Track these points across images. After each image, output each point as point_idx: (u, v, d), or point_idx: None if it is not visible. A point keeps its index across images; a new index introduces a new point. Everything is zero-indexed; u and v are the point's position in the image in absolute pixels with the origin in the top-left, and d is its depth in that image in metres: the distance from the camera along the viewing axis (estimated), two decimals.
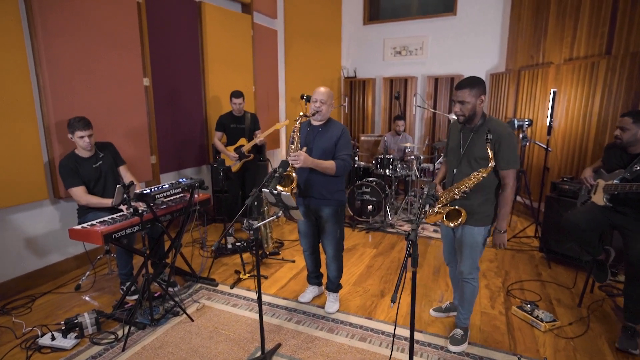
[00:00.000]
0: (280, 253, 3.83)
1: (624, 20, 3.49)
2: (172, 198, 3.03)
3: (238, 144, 4.25)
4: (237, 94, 4.13)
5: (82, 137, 2.77)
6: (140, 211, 2.41)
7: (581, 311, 2.75)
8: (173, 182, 2.87)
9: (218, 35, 4.78)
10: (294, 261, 3.65)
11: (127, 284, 2.92)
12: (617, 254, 2.72)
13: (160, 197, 2.64)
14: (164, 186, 2.74)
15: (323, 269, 2.95)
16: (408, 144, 4.90)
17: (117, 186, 2.42)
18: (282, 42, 6.44)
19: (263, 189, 1.99)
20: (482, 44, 5.84)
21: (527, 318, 2.62)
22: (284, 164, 2.19)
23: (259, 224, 1.91)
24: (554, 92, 3.73)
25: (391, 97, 6.61)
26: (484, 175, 2.04)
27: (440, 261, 3.68)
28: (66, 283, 3.17)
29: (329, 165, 2.41)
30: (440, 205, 2.29)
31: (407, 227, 4.61)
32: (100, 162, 2.95)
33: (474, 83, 2.07)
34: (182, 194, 3.13)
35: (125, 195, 2.45)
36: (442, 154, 4.96)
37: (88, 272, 3.22)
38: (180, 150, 4.51)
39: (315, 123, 2.54)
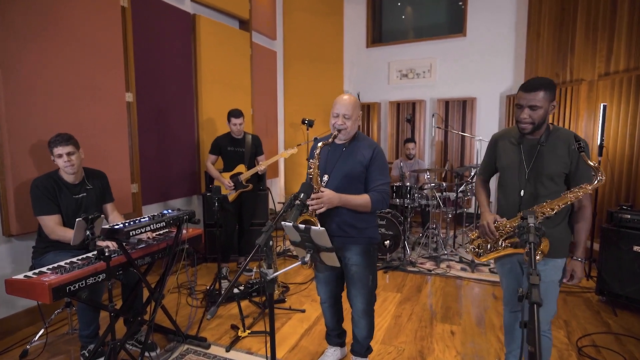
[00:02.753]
0: (287, 300, 3.16)
1: None
2: (153, 235, 2.40)
3: (235, 171, 3.65)
4: (236, 114, 3.56)
5: (60, 155, 2.21)
6: (106, 253, 1.77)
7: None
8: (155, 214, 2.25)
9: (214, 52, 4.32)
10: (304, 311, 2.98)
11: (91, 346, 2.23)
12: None
13: (136, 234, 2.00)
14: (142, 219, 2.11)
15: (345, 324, 2.30)
16: (427, 171, 4.36)
17: (77, 220, 1.80)
18: (282, 64, 6.06)
19: (284, 223, 1.39)
20: (495, 65, 5.49)
21: None
22: (307, 187, 1.60)
23: (275, 275, 1.29)
24: (604, 107, 3.28)
25: (398, 122, 6.17)
26: (588, 191, 1.59)
27: (481, 308, 3.04)
28: (11, 347, 2.43)
29: (362, 202, 1.83)
30: (505, 237, 1.75)
31: (429, 266, 3.98)
32: (85, 194, 2.36)
33: (548, 84, 1.66)
34: (166, 230, 2.51)
35: (88, 232, 1.83)
36: (466, 180, 4.43)
37: (41, 332, 2.50)
38: (168, 178, 3.90)
39: (337, 141, 1.98)
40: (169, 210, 2.34)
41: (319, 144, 1.83)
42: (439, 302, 3.16)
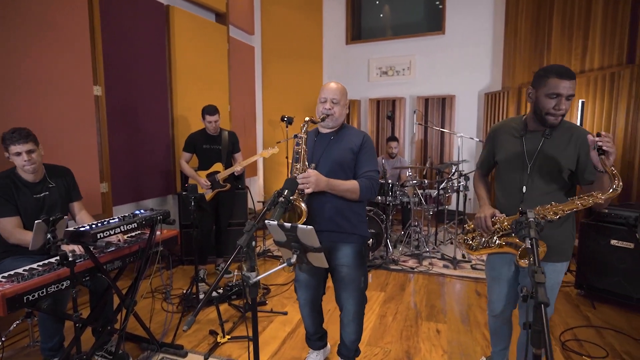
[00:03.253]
0: (268, 302, 3.04)
1: None
2: (124, 237, 2.24)
3: (212, 170, 3.50)
4: (211, 110, 3.39)
5: (18, 153, 2.01)
6: (70, 258, 1.61)
7: None
8: (125, 215, 2.09)
9: (189, 45, 4.14)
10: (286, 313, 2.87)
11: None
12: None
13: (105, 237, 1.84)
14: (111, 221, 1.95)
15: (326, 324, 2.23)
16: (409, 168, 4.34)
17: (36, 222, 1.63)
18: (260, 60, 5.91)
19: (268, 222, 1.28)
20: (474, 63, 5.54)
21: None
22: (292, 183, 1.50)
23: (258, 278, 1.19)
24: (582, 103, 3.34)
25: (378, 120, 6.15)
26: (600, 200, 1.39)
27: (465, 305, 3.02)
28: None
29: (351, 186, 1.74)
30: (500, 234, 1.68)
31: (412, 263, 3.96)
32: (47, 192, 2.17)
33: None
34: (139, 232, 2.35)
35: (49, 236, 1.66)
36: (446, 177, 4.43)
37: None
38: (140, 177, 3.69)
39: (324, 130, 1.90)
40: (142, 211, 2.18)
41: (307, 118, 1.74)
42: (423, 300, 3.13)
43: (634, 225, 2.66)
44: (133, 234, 2.33)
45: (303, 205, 1.63)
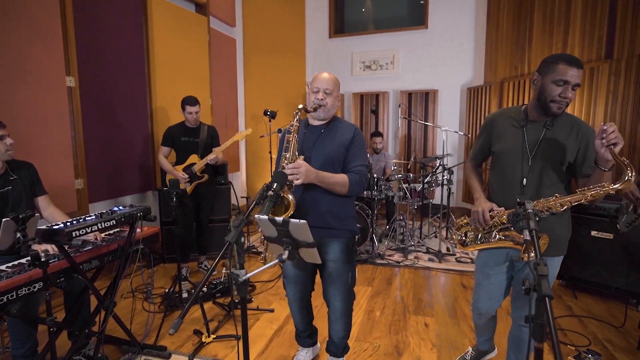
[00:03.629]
0: (254, 299, 2.98)
1: (625, 23, 3.26)
2: (102, 235, 2.13)
3: (188, 162, 3.38)
4: (192, 101, 3.29)
5: (1, 137, 1.91)
6: (43, 259, 1.51)
7: None
8: (103, 211, 1.98)
9: (168, 36, 3.99)
10: (272, 310, 2.81)
11: None
12: None
13: (80, 235, 1.73)
14: (87, 218, 1.84)
15: (316, 321, 2.19)
16: (394, 162, 4.33)
17: (3, 220, 1.52)
18: (241, 53, 5.77)
19: (258, 217, 1.22)
20: (456, 58, 5.57)
21: None
22: (281, 176, 1.43)
23: (248, 276, 1.12)
24: None
25: (362, 114, 6.13)
26: (610, 191, 1.36)
27: (452, 298, 3.04)
28: None
29: (340, 180, 1.69)
30: (499, 228, 1.64)
31: (397, 257, 3.96)
32: (10, 187, 2.02)
33: None
34: (117, 229, 2.24)
35: (19, 235, 1.55)
36: (431, 171, 4.45)
37: None
38: (118, 173, 3.54)
39: (315, 122, 1.83)
40: (120, 207, 2.07)
41: (300, 106, 1.67)
42: (410, 294, 3.13)
43: (615, 217, 2.72)
44: (111, 231, 2.22)
45: (290, 196, 1.57)
